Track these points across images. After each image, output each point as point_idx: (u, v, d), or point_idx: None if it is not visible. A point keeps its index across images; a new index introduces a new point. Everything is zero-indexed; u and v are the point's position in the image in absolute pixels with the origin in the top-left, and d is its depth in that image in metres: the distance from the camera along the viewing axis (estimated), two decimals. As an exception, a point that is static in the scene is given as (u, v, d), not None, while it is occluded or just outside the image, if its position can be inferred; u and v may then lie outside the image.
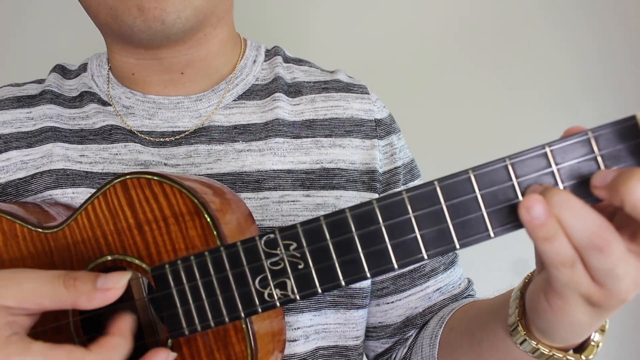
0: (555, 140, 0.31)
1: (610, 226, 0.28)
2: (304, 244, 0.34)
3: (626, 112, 0.31)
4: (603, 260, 0.28)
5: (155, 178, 0.38)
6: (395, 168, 0.56)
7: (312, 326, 0.50)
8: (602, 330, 0.35)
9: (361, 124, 0.56)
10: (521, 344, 0.36)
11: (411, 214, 0.32)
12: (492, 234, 0.32)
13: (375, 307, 0.56)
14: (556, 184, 0.31)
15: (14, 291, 0.32)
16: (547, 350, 0.35)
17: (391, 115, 0.59)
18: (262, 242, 0.34)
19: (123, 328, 0.34)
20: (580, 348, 0.36)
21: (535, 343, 0.35)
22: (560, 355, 0.35)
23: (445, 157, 0.96)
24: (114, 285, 0.33)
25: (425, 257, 0.32)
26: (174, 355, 0.36)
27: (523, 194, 0.31)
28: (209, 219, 0.37)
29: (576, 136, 0.31)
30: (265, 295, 0.35)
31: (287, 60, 0.60)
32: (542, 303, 0.32)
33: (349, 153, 0.54)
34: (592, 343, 0.35)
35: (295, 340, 0.49)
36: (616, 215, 0.31)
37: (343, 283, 0.33)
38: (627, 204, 0.27)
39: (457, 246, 0.32)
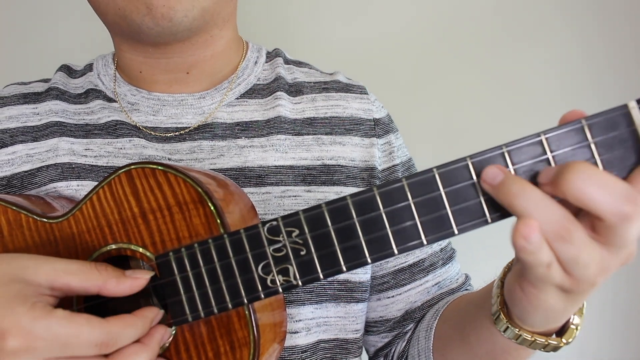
0: (550, 128, 0.32)
1: (570, 215, 0.29)
2: (306, 231, 0.34)
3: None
4: (569, 249, 0.29)
5: (159, 168, 0.39)
6: (393, 166, 0.57)
7: (314, 319, 0.50)
8: (580, 313, 0.37)
9: (360, 122, 0.57)
10: (504, 331, 0.37)
11: (411, 201, 0.33)
12: (489, 220, 0.33)
13: (376, 301, 0.56)
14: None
15: (46, 268, 0.33)
16: (529, 336, 0.36)
17: (389, 115, 0.61)
18: (265, 229, 0.35)
19: (147, 315, 0.35)
20: (561, 331, 0.37)
21: (517, 330, 0.36)
22: (542, 340, 0.36)
23: (443, 157, 0.97)
24: (142, 275, 0.36)
25: (425, 242, 0.33)
26: (170, 332, 0.38)
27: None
28: (212, 208, 0.38)
29: (570, 124, 0.32)
30: (268, 281, 0.35)
31: (287, 61, 0.62)
32: (517, 292, 0.34)
33: (348, 150, 0.55)
34: (572, 326, 0.37)
35: (297, 332, 0.49)
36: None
37: (344, 269, 0.34)
38: (570, 196, 0.29)
39: (456, 232, 0.33)
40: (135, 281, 0.35)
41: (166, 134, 0.53)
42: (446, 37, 1.00)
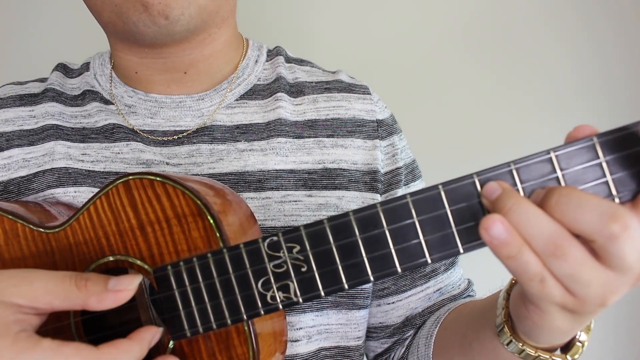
0: (560, 145, 0.31)
1: (565, 233, 0.28)
2: (308, 247, 0.33)
3: (621, 114, 0.31)
4: (563, 266, 0.28)
5: (158, 179, 0.38)
6: (396, 168, 0.56)
7: (315, 326, 0.50)
8: (588, 330, 0.36)
9: (363, 124, 0.55)
10: (508, 345, 0.36)
11: (415, 218, 0.32)
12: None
13: (376, 307, 0.56)
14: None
15: (25, 289, 0.32)
16: (533, 352, 0.35)
17: (393, 116, 0.59)
18: (265, 244, 0.34)
19: (143, 336, 0.34)
20: (567, 347, 0.36)
21: (521, 344, 0.36)
22: (547, 356, 0.35)
23: (446, 157, 0.96)
24: (125, 287, 0.33)
25: (429, 261, 0.32)
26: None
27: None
28: (211, 221, 0.37)
29: (581, 142, 0.31)
30: (268, 297, 0.34)
31: (288, 60, 0.60)
32: (522, 310, 0.33)
33: (351, 153, 0.54)
34: (578, 343, 0.36)
35: (298, 340, 0.49)
36: None
37: (346, 286, 0.33)
38: (556, 220, 0.29)
39: (461, 250, 0.32)
40: (118, 295, 0.33)
41: (164, 138, 0.52)
42: (452, 38, 0.99)
